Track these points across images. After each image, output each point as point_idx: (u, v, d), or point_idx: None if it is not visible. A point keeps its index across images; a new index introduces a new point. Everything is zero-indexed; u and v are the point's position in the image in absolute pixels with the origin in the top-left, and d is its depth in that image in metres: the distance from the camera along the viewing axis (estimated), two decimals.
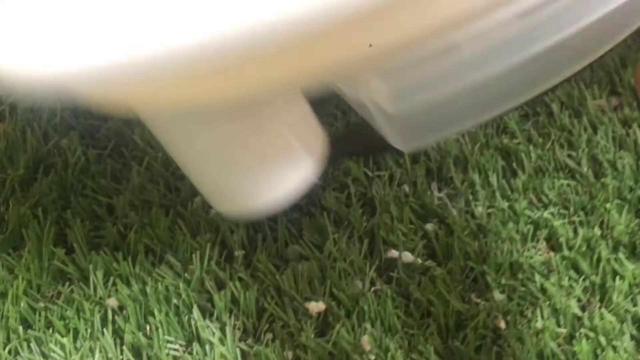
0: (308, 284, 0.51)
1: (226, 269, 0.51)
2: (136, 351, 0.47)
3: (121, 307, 0.49)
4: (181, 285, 0.50)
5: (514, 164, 0.60)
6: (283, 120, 0.42)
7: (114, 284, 0.50)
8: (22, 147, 0.57)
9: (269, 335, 0.49)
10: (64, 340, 0.46)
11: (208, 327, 0.48)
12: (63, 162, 0.57)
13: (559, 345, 0.49)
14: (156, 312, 0.48)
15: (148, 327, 0.48)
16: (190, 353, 0.47)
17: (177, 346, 0.47)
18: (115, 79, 0.31)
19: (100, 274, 0.50)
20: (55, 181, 0.55)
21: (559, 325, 0.50)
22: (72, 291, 0.49)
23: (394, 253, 0.54)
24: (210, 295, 0.50)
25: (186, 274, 0.50)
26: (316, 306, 0.50)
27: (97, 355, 0.46)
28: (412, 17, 0.32)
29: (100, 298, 0.49)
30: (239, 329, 0.48)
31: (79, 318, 0.47)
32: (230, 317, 0.49)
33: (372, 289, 0.51)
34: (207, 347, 0.47)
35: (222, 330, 0.48)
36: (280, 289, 0.50)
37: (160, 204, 0.55)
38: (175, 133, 0.41)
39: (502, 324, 0.50)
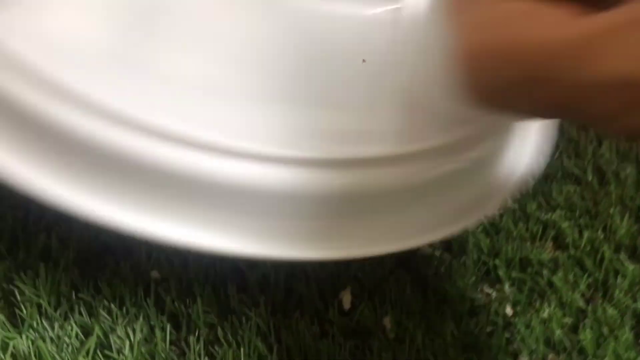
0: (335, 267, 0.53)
1: None
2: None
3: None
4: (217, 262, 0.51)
5: None
6: None
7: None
8: None
9: (298, 313, 0.50)
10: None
11: (242, 301, 0.50)
12: None
13: (564, 333, 0.51)
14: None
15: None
16: (226, 320, 0.48)
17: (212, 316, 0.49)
18: None
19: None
20: None
21: (564, 316, 0.52)
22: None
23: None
24: (243, 273, 0.51)
25: None
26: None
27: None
28: None
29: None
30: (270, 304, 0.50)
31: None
32: (261, 294, 0.51)
33: (393, 276, 0.53)
34: (243, 318, 0.48)
35: (256, 304, 0.50)
36: (308, 274, 0.52)
37: None
38: None
39: (512, 312, 0.52)
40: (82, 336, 0.46)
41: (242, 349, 0.47)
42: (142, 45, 0.40)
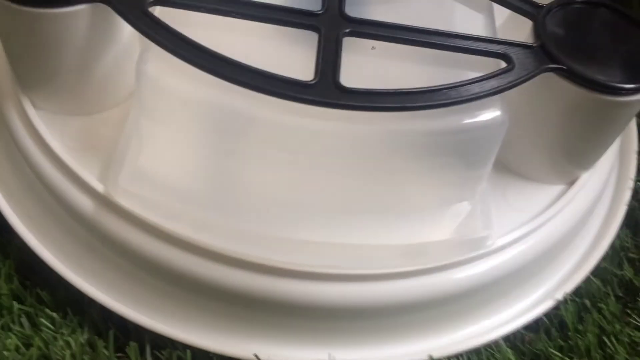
0: None
1: None
2: None
3: None
4: None
5: None
6: None
7: None
8: None
9: None
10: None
11: None
12: None
13: None
14: None
15: None
16: None
17: None
18: None
19: None
20: None
21: None
22: None
23: None
24: None
25: None
26: None
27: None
28: None
29: None
30: None
31: None
32: None
33: None
34: None
35: None
36: None
37: None
38: None
39: None
40: (23, 348, 0.45)
41: (187, 352, 0.44)
42: (228, 179, 0.43)
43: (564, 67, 0.41)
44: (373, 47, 0.42)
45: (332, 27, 0.41)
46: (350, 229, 0.43)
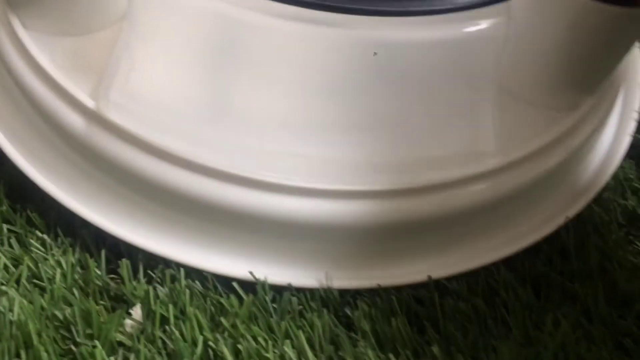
0: None
1: None
2: None
3: None
4: None
5: None
6: None
7: None
8: None
9: None
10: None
11: None
12: None
13: None
14: None
15: None
16: None
17: None
18: None
19: None
20: None
21: None
22: None
23: None
24: None
25: None
26: None
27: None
28: None
29: None
30: None
31: None
32: None
33: None
34: None
35: None
36: None
37: None
38: None
39: None
40: (12, 268, 0.44)
41: (181, 270, 0.44)
42: (224, 93, 0.42)
43: None
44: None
45: None
46: (349, 145, 0.42)
